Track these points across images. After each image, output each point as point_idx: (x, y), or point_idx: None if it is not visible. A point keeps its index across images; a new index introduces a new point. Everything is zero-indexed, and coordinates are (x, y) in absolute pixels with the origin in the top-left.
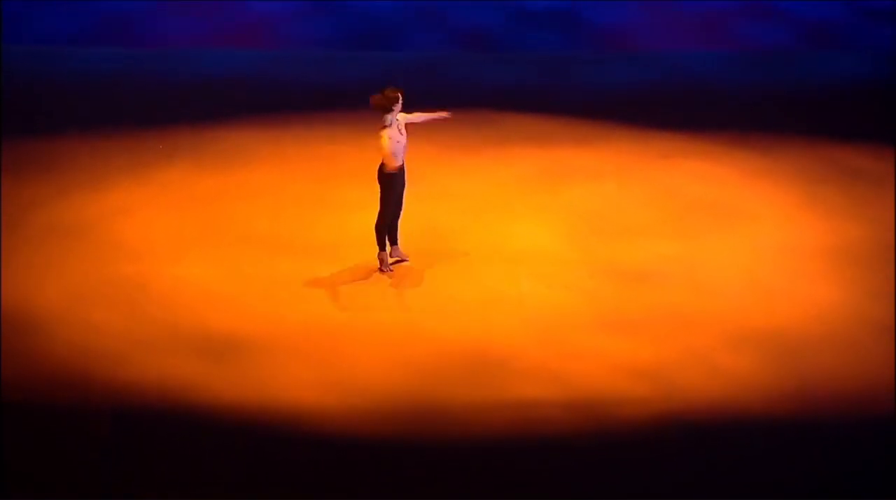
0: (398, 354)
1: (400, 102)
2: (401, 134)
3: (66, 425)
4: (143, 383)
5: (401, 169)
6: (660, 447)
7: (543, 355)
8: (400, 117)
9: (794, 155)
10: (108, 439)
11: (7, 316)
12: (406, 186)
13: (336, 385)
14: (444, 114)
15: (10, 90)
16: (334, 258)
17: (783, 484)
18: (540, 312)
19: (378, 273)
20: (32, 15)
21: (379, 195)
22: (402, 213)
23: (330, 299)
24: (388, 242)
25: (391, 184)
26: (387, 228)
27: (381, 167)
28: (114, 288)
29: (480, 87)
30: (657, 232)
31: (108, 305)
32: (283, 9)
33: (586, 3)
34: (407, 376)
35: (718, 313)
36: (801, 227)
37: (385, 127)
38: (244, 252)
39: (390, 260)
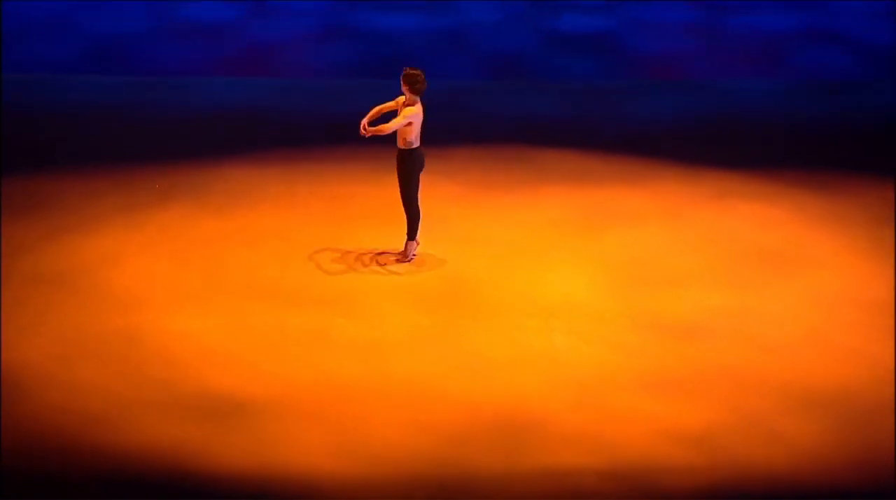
0: (419, 417)
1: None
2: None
3: (52, 496)
4: (136, 449)
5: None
6: None
7: (580, 419)
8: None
9: (859, 195)
10: None
11: None
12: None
13: (350, 451)
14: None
15: None
16: (349, 310)
17: None
18: (576, 370)
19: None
20: (16, 40)
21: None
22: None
23: (344, 355)
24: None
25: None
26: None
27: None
28: (104, 343)
29: (511, 118)
30: (707, 282)
31: (98, 362)
32: (294, 34)
33: (629, 26)
34: (428, 442)
35: (775, 373)
36: (868, 276)
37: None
38: (249, 303)
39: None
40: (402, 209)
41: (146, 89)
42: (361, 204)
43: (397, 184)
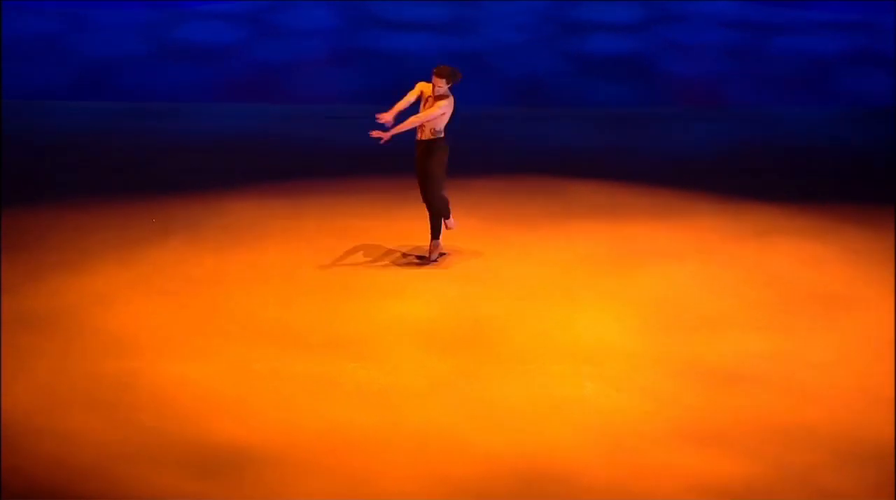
0: (436, 469)
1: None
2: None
3: None
4: None
5: (417, 142)
6: None
7: (611, 472)
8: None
9: None
10: None
11: None
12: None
13: None
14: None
15: None
16: (359, 354)
17: None
18: (607, 419)
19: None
20: (3, 64)
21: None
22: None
23: (354, 403)
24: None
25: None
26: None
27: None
28: (95, 390)
29: (536, 148)
30: (748, 325)
31: (88, 409)
32: (301, 56)
33: (663, 48)
34: (446, 497)
35: (823, 424)
36: None
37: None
38: (252, 347)
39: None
40: (427, 208)
41: (141, 116)
42: (374, 240)
43: (420, 180)
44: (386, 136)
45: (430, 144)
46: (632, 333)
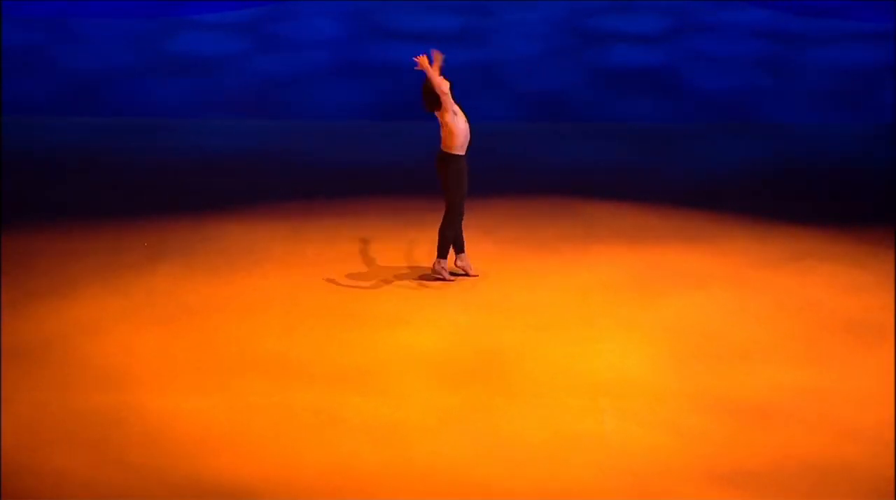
0: None
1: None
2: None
3: None
4: None
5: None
6: None
7: None
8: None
9: None
10: None
11: None
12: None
13: None
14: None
15: None
16: (365, 387)
17: None
18: (630, 457)
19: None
20: None
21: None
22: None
23: (358, 438)
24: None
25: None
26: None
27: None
28: (82, 425)
29: (555, 166)
30: (782, 357)
31: (75, 447)
32: (302, 69)
33: (690, 61)
34: None
35: (864, 463)
36: None
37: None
38: (250, 379)
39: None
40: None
41: (132, 132)
42: (380, 264)
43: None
44: (424, 63)
45: (439, 156)
46: (656, 364)
